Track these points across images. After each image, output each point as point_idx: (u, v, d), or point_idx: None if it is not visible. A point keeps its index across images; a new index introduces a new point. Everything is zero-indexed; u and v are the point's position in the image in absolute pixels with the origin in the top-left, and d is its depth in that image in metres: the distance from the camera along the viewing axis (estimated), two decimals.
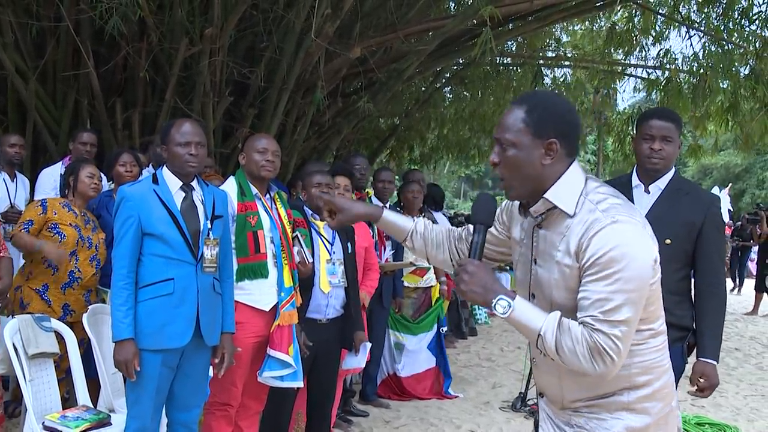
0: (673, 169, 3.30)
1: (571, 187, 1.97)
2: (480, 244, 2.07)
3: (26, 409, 3.68)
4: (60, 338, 3.92)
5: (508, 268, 10.38)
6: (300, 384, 3.82)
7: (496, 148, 2.03)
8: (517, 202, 2.15)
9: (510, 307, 1.91)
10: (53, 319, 3.97)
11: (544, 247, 2.02)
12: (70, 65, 6.54)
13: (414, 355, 5.99)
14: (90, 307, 4.08)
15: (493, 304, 1.92)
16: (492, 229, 2.26)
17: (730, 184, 30.02)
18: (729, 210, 27.23)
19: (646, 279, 1.87)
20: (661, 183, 3.27)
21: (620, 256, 1.82)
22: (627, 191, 3.30)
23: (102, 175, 5.36)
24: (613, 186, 3.39)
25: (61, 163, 5.34)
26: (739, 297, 14.79)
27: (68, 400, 4.22)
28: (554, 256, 1.97)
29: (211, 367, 3.59)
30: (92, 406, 3.88)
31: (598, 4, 7.92)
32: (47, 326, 3.85)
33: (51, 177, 5.22)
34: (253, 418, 3.94)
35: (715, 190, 27.52)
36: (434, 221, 6.00)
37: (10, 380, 4.75)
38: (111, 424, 3.67)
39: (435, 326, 6.12)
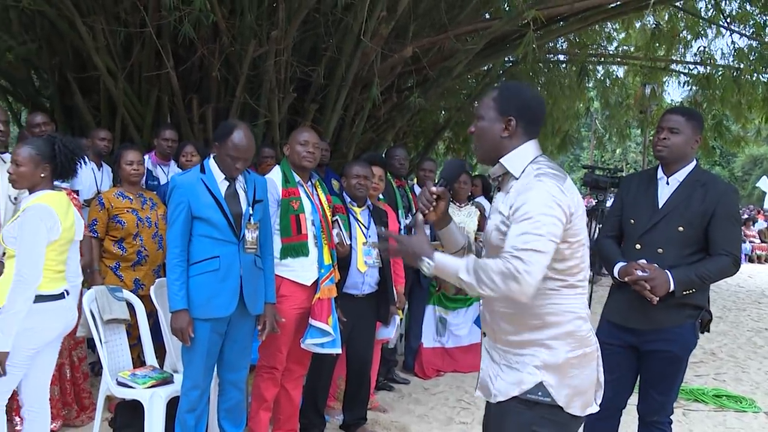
0: (694, 163, 3.31)
1: (522, 158, 2.24)
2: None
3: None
4: (131, 308, 4.13)
5: None
6: (338, 351, 3.93)
7: (474, 120, 2.34)
8: None
9: (431, 265, 2.15)
10: (124, 289, 4.18)
11: (495, 204, 2.32)
12: (153, 66, 6.75)
13: (456, 328, 6.01)
14: (157, 280, 4.27)
15: (419, 265, 2.18)
16: None
17: None
18: None
19: (557, 223, 2.07)
20: (680, 175, 3.28)
21: (536, 203, 2.08)
22: (652, 182, 3.36)
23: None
24: (641, 177, 3.48)
25: (147, 156, 5.51)
26: None
27: (143, 363, 4.44)
28: (498, 208, 2.26)
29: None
30: (158, 367, 4.08)
31: (638, 6, 7.72)
32: (119, 296, 4.06)
33: None
34: (297, 380, 4.08)
35: (764, 180, 26.62)
36: (481, 208, 6.10)
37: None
38: (173, 382, 3.86)
39: (478, 303, 6.11)
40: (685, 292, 3.14)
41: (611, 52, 10.44)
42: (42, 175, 3.23)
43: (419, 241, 2.20)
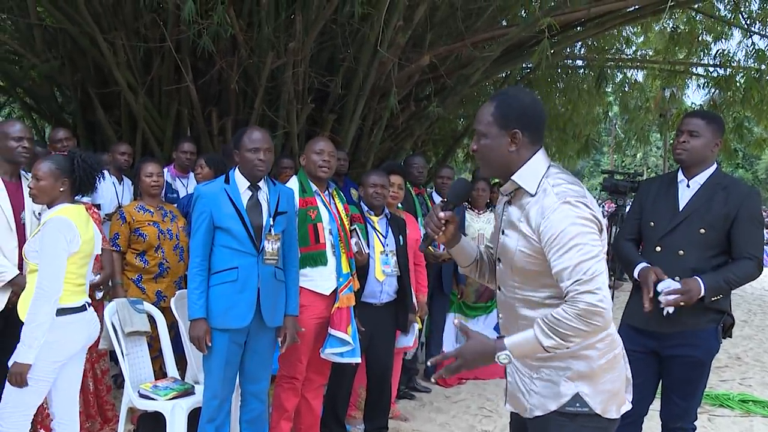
0: (714, 166, 3.28)
1: (535, 172, 2.15)
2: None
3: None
4: (153, 320, 4.14)
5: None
6: (358, 360, 3.91)
7: (475, 138, 2.23)
8: None
9: (508, 355, 2.05)
10: (145, 302, 4.19)
11: (510, 219, 2.22)
12: (172, 79, 6.78)
13: None
14: (177, 292, 4.28)
15: (498, 361, 2.06)
16: None
17: None
18: None
19: (598, 238, 2.04)
20: (701, 178, 3.25)
21: (574, 227, 2.01)
22: (672, 185, 3.33)
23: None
24: (661, 180, 3.43)
25: (166, 169, 5.54)
26: None
27: (165, 375, 4.45)
28: (517, 227, 2.16)
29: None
30: (180, 378, 4.08)
31: (655, 9, 7.65)
32: (140, 308, 4.08)
33: None
34: (317, 390, 4.07)
35: None
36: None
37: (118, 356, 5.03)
38: (194, 393, 3.86)
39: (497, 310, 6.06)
40: (713, 298, 3.10)
41: (630, 56, 10.34)
42: (61, 189, 3.25)
43: (479, 343, 2.10)
